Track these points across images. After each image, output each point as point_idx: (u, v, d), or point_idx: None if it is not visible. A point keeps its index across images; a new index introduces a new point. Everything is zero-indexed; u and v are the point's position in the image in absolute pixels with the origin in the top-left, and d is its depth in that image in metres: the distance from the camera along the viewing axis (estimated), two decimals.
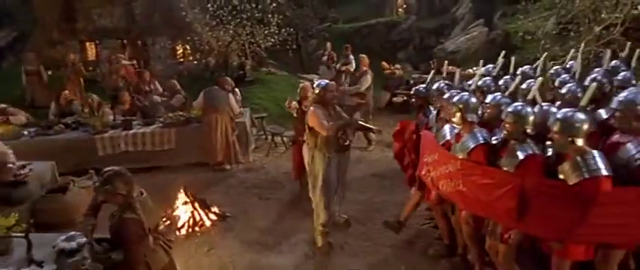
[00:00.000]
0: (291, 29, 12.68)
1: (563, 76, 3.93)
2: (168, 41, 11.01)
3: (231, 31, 10.31)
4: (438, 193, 3.50)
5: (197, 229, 4.64)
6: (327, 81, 4.20)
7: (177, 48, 11.27)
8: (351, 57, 9.58)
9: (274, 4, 10.88)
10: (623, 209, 2.54)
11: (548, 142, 2.82)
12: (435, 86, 4.03)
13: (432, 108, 4.14)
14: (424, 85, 4.42)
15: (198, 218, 4.72)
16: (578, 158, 2.52)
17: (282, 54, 14.10)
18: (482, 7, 17.35)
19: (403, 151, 4.47)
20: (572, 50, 5.39)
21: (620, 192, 2.54)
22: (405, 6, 20.97)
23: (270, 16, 10.71)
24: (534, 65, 4.83)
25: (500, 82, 4.04)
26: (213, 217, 4.83)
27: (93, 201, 2.95)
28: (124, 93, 7.39)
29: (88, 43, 11.72)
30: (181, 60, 11.34)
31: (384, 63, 10.83)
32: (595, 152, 2.53)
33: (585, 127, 2.54)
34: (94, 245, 2.73)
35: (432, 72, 6.44)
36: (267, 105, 9.70)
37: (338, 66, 9.47)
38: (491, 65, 4.73)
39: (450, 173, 3.24)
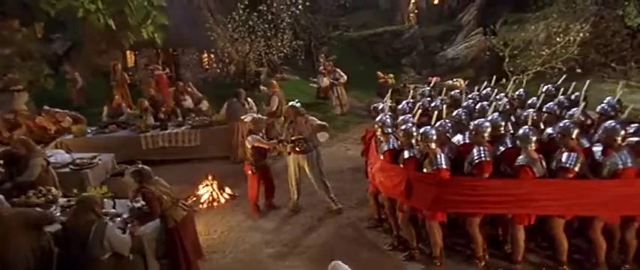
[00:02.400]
0: (303, 41, 14.56)
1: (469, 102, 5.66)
2: (195, 52, 13.05)
3: (247, 46, 12.25)
4: (375, 184, 5.28)
5: (215, 204, 6.59)
6: (293, 103, 6.05)
7: (203, 58, 13.29)
8: (339, 70, 11.29)
9: (284, 23, 12.71)
10: (464, 191, 4.28)
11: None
12: (372, 106, 5.81)
13: None
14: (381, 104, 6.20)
15: (215, 197, 6.67)
16: (432, 156, 4.29)
17: (296, 60, 15.95)
18: (486, 15, 18.58)
19: (367, 151, 6.25)
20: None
21: (459, 179, 4.30)
22: (416, 11, 22.33)
23: (281, 32, 12.57)
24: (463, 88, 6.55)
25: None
26: (226, 196, 6.76)
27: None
28: (164, 101, 9.40)
29: (128, 52, 13.90)
30: (207, 68, 13.36)
31: (379, 73, 12.50)
32: (442, 154, 4.29)
33: (435, 137, 4.29)
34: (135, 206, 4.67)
35: (390, 90, 8.08)
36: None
37: (330, 80, 11.20)
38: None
39: (379, 169, 5.04)
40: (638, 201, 3.97)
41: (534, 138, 4.09)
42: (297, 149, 5.87)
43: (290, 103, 6.07)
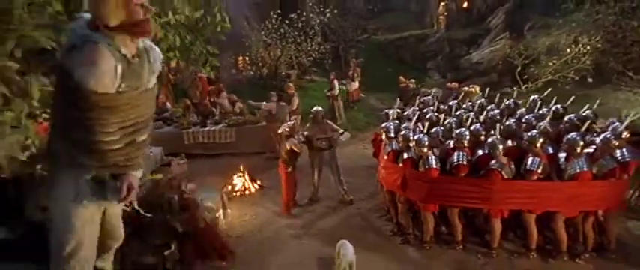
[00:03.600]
0: (332, 43, 15.64)
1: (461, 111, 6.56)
2: (231, 55, 14.34)
3: (278, 51, 13.46)
4: (382, 179, 6.30)
5: (246, 192, 7.78)
6: (319, 108, 7.13)
7: (239, 60, 14.58)
8: (336, 82, 12.33)
9: (314, 30, 13.83)
10: (449, 186, 5.25)
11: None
12: (384, 112, 6.83)
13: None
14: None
15: (247, 186, 7.86)
16: (425, 158, 5.27)
17: (324, 62, 17.03)
18: (514, 19, 18.93)
19: (377, 152, 7.28)
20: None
21: (445, 178, 5.26)
22: (446, 13, 22.88)
23: (310, 39, 13.72)
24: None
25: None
26: (256, 186, 7.94)
27: None
28: (204, 102, 10.73)
29: None
30: (241, 70, 14.66)
31: (400, 77, 13.41)
32: (433, 156, 5.26)
33: (427, 142, 5.26)
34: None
35: (398, 101, 8.97)
36: (303, 108, 12.70)
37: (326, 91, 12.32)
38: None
39: (383, 167, 6.07)
40: (592, 199, 4.85)
41: (501, 146, 5.00)
42: (322, 147, 6.97)
43: (315, 108, 7.18)
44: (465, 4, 21.79)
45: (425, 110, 6.83)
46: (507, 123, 5.73)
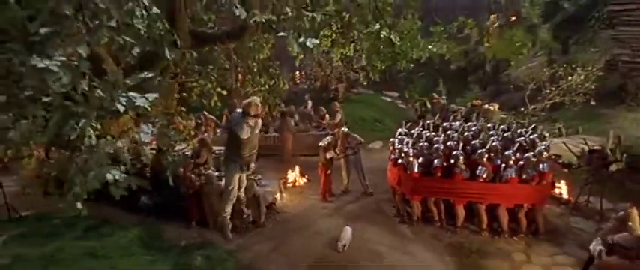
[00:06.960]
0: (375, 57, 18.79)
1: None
2: (289, 71, 17.91)
3: (328, 69, 16.83)
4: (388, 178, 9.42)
5: (296, 184, 11.19)
6: (345, 129, 10.39)
7: (295, 75, 18.12)
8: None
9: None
10: (427, 183, 8.29)
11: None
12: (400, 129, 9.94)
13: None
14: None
15: (297, 179, 11.27)
16: (410, 164, 8.33)
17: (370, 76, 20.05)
18: (559, 32, 20.66)
19: None
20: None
21: (422, 179, 8.29)
22: (495, 25, 24.88)
23: (357, 60, 16.94)
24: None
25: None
26: (304, 180, 11.33)
27: None
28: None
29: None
30: (297, 83, 18.20)
31: (433, 94, 16.24)
32: (416, 163, 8.30)
33: (412, 153, 8.32)
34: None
35: (405, 125, 11.91)
36: (350, 116, 15.92)
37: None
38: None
39: (388, 169, 9.20)
40: (520, 197, 7.70)
41: (462, 157, 7.96)
42: (348, 154, 10.24)
43: (343, 129, 10.47)
44: (513, 17, 23.80)
45: (422, 131, 9.86)
46: (473, 142, 8.65)
